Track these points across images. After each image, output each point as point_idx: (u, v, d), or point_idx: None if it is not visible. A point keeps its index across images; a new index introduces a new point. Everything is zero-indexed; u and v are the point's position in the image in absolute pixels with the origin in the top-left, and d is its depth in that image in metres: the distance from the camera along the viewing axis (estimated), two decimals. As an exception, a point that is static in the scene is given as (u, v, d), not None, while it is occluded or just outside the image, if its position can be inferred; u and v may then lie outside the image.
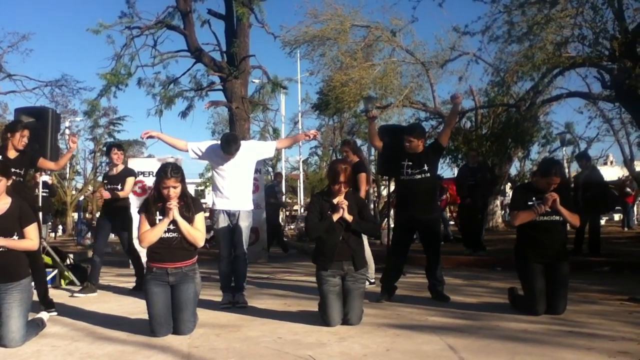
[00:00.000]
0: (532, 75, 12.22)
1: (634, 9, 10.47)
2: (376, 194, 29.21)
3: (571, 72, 13.08)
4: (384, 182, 14.34)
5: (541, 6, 9.79)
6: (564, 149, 22.69)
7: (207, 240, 4.50)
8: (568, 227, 5.14)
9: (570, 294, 4.80)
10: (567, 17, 10.12)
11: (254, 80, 15.98)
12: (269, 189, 12.79)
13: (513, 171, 21.09)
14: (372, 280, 6.47)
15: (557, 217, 4.65)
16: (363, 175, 6.49)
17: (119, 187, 6.62)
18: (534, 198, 4.68)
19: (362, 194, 6.49)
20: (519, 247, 4.88)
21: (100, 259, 6.67)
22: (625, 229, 16.51)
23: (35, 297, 4.69)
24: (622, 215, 18.64)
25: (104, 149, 36.64)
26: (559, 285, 4.61)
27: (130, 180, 6.74)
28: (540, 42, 10.68)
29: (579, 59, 11.20)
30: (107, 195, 6.58)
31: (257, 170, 9.81)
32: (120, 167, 6.84)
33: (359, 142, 30.88)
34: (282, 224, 27.62)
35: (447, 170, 20.36)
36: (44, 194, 10.15)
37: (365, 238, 6.04)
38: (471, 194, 9.52)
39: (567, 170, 22.54)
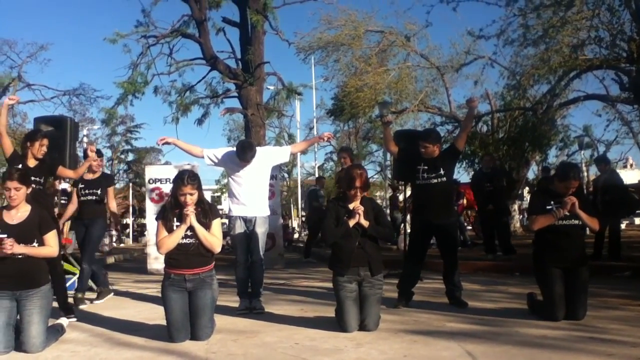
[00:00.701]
0: (549, 78, 12.13)
1: (652, 10, 10.36)
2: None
3: (588, 74, 12.96)
4: (400, 188, 14.25)
5: (556, 9, 9.72)
6: (582, 152, 22.41)
7: (222, 247, 4.51)
8: (587, 232, 5.08)
9: (590, 299, 4.74)
10: (583, 19, 10.05)
11: (269, 87, 16.06)
12: (312, 193, 12.83)
13: (531, 175, 20.91)
14: None
15: (576, 221, 4.60)
16: None
17: (98, 192, 6.28)
18: (552, 202, 4.63)
19: None
20: (537, 251, 4.83)
21: (90, 266, 6.25)
22: (646, 233, 16.25)
23: (55, 304, 4.74)
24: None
25: (122, 156, 37.14)
26: (578, 291, 4.55)
27: (111, 192, 6.50)
28: (556, 45, 10.61)
29: (596, 61, 11.11)
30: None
31: (273, 177, 9.84)
32: (98, 173, 6.51)
33: (374, 147, 31.00)
34: (298, 229, 27.69)
35: (463, 175, 20.23)
36: (63, 202, 10.24)
37: None
38: (491, 199, 9.45)
39: (585, 174, 22.30)
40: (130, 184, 36.68)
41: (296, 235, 24.30)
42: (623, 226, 17.42)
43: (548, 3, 9.79)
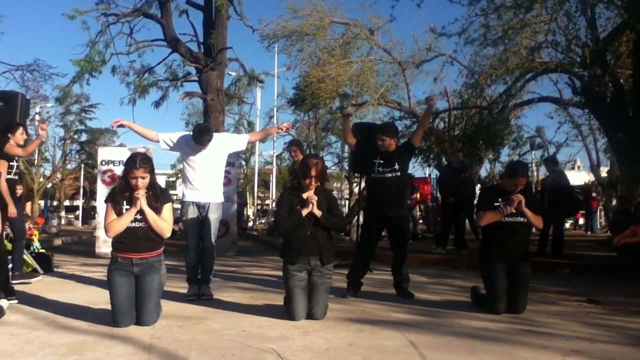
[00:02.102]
0: (505, 78, 12.42)
1: (606, 18, 10.75)
2: (348, 191, 29.39)
3: (543, 77, 13.37)
4: (355, 180, 14.38)
5: (517, 11, 9.95)
6: (533, 152, 23.05)
7: (173, 232, 4.46)
8: (533, 229, 5.26)
9: (530, 294, 4.91)
10: (542, 22, 10.32)
11: (230, 73, 15.91)
12: None
13: (483, 173, 21.38)
14: None
15: (522, 219, 4.74)
16: None
17: None
18: (500, 199, 4.76)
19: None
20: (483, 246, 4.97)
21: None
22: (589, 233, 16.91)
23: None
24: (585, 219, 19.06)
25: (75, 136, 36.14)
26: (520, 285, 4.70)
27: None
28: (514, 47, 10.86)
29: (551, 64, 11.44)
30: None
31: (230, 164, 9.80)
32: None
33: (333, 138, 31.07)
34: (253, 217, 27.60)
35: (418, 170, 20.54)
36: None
37: None
38: (454, 194, 9.64)
39: (536, 174, 22.97)
40: (82, 165, 35.74)
41: (250, 224, 24.21)
42: (567, 225, 18.09)
43: (509, 4, 10.00)
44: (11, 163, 5.96)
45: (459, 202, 9.66)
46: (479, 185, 15.02)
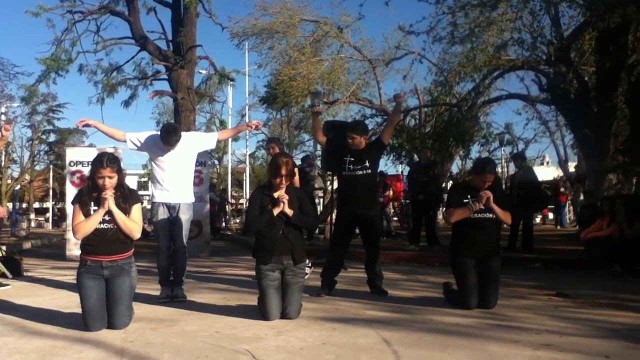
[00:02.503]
0: (473, 76, 12.60)
1: (570, 17, 10.99)
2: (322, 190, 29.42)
3: (511, 74, 13.60)
4: (328, 178, 14.41)
5: (483, 9, 10.09)
6: (502, 148, 23.45)
7: (146, 233, 4.41)
8: (504, 225, 5.35)
9: (501, 289, 5.01)
10: (507, 20, 10.49)
11: (200, 71, 15.78)
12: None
13: (454, 169, 21.67)
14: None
15: (491, 215, 4.82)
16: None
17: None
18: (469, 196, 4.83)
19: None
20: (453, 243, 5.03)
21: None
22: (558, 227, 17.27)
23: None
24: (554, 214, 19.46)
25: (43, 136, 35.41)
26: (490, 281, 4.78)
27: None
28: (481, 45, 11.02)
29: (518, 62, 11.65)
30: None
31: (201, 163, 9.72)
32: None
33: (305, 137, 31.09)
34: (228, 217, 27.41)
35: (390, 167, 20.70)
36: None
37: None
38: (423, 191, 9.73)
39: (505, 170, 23.35)
40: (51, 166, 35.02)
41: (224, 224, 24.03)
42: (537, 220, 18.44)
43: (475, 3, 10.13)
44: None
45: (428, 199, 9.76)
46: (450, 182, 15.22)
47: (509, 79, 15.02)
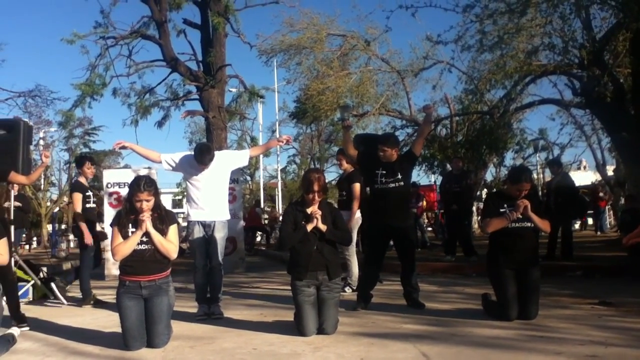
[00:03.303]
0: (505, 83, 12.43)
1: (601, 18, 10.75)
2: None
3: (543, 79, 13.36)
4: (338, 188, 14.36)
5: (511, 16, 9.97)
6: (537, 155, 23.03)
7: (182, 251, 4.47)
8: (542, 232, 5.23)
9: (542, 298, 4.90)
10: (537, 26, 10.32)
11: (230, 90, 15.98)
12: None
13: (489, 177, 21.35)
14: (355, 288, 6.54)
15: (529, 224, 4.74)
16: (357, 186, 6.58)
17: None
18: (505, 205, 4.76)
19: (356, 205, 6.55)
20: (491, 253, 4.95)
21: None
22: (598, 233, 16.82)
23: (7, 312, 4.62)
24: (594, 220, 18.96)
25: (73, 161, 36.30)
26: (530, 291, 4.68)
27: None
28: (511, 51, 10.87)
29: (549, 66, 11.45)
30: None
31: (234, 180, 9.82)
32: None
33: (336, 150, 31.09)
34: (260, 232, 27.54)
35: (423, 177, 20.52)
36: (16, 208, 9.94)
37: (353, 246, 6.12)
38: (456, 201, 9.63)
39: (541, 176, 22.91)
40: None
41: (258, 239, 24.17)
42: (576, 226, 18.00)
43: (503, 10, 10.03)
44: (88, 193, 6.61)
45: (462, 209, 9.64)
46: (485, 190, 14.99)
47: (541, 84, 14.77)
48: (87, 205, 6.64)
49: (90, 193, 6.77)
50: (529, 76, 12.35)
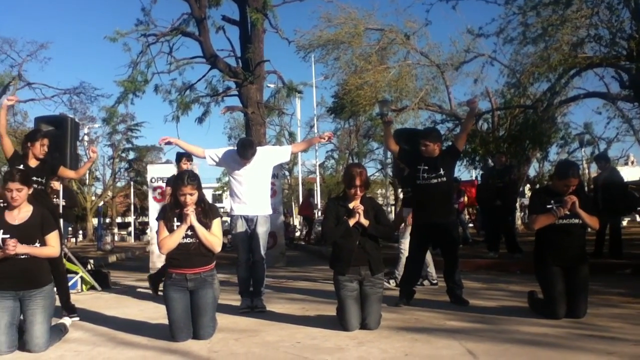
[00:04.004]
0: (549, 76, 12.13)
1: (652, 8, 10.35)
2: (393, 197, 29.17)
3: (588, 72, 12.96)
4: (399, 186, 14.24)
5: (556, 7, 9.71)
6: (583, 149, 22.43)
7: (224, 245, 4.52)
8: (589, 229, 5.10)
9: (590, 297, 4.76)
10: (583, 17, 10.03)
11: (269, 85, 16.07)
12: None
13: (532, 172, 20.91)
14: (435, 281, 6.51)
15: (577, 220, 4.61)
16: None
17: None
18: (552, 201, 4.64)
19: None
20: (538, 250, 4.84)
21: None
22: (647, 230, 16.27)
23: (58, 303, 4.76)
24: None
25: (123, 154, 37.17)
26: (579, 289, 4.57)
27: None
28: (555, 43, 10.60)
29: (595, 59, 11.10)
30: None
31: (275, 175, 9.87)
32: None
33: (374, 145, 30.99)
34: (299, 227, 27.72)
35: (464, 172, 20.24)
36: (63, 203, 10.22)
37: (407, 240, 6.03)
38: (500, 196, 9.46)
39: (586, 172, 22.31)
40: (132, 183, 36.72)
41: (297, 233, 24.33)
42: (625, 223, 17.47)
43: (547, 1, 9.78)
44: None
45: (505, 205, 9.45)
46: (528, 185, 14.67)
47: (586, 77, 14.32)
48: None
49: None
50: (574, 69, 12.00)
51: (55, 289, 4.43)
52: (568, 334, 4.02)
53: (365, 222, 4.42)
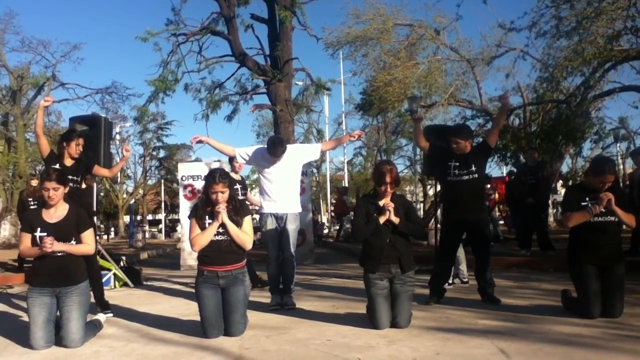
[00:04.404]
0: (582, 70, 11.85)
1: (692, -2, 10.04)
2: (422, 194, 28.96)
3: (624, 65, 12.62)
4: (430, 182, 14.13)
5: (590, 0, 9.49)
6: (618, 144, 21.88)
7: (253, 242, 4.54)
8: (623, 227, 4.98)
9: (626, 296, 4.65)
10: (619, 9, 9.77)
11: (297, 83, 16.11)
12: None
13: (564, 168, 20.50)
14: (466, 280, 6.47)
15: (612, 218, 4.51)
16: None
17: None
18: (587, 198, 4.55)
19: None
20: (572, 248, 4.75)
21: None
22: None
23: (92, 299, 4.87)
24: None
25: (153, 153, 37.71)
26: (614, 288, 4.47)
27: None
28: (590, 36, 10.34)
29: (632, 52, 10.80)
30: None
31: (303, 173, 9.90)
32: None
33: (403, 141, 30.82)
34: (328, 224, 27.72)
35: (495, 169, 19.96)
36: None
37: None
38: (532, 193, 9.31)
39: (621, 167, 21.77)
40: (162, 181, 37.25)
41: (326, 231, 24.35)
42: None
43: (582, -6, 9.57)
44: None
45: (538, 201, 9.29)
46: (560, 182, 14.38)
47: (622, 70, 13.91)
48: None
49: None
50: (609, 62, 11.70)
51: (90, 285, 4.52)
52: (603, 334, 3.94)
53: (395, 219, 4.39)
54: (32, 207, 9.17)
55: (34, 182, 9.75)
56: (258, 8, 20.67)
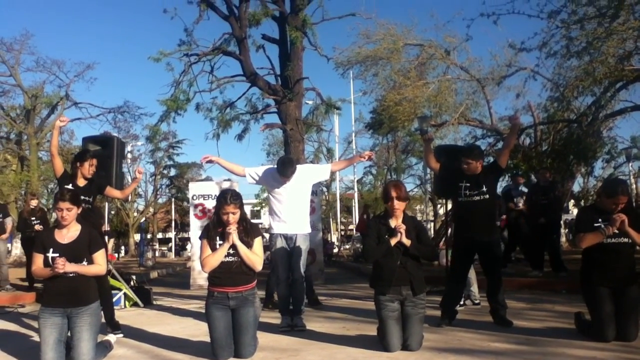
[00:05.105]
0: (593, 89, 11.84)
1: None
2: (433, 213, 28.83)
3: (636, 84, 12.59)
4: (440, 201, 14.07)
5: (601, 20, 9.50)
6: (630, 164, 21.72)
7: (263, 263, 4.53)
8: (637, 248, 4.92)
9: (641, 319, 4.58)
10: (630, 29, 9.77)
11: (307, 102, 16.16)
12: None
13: (576, 188, 20.36)
14: (477, 301, 6.41)
15: (626, 239, 4.47)
16: None
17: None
18: (600, 219, 4.51)
19: None
20: (585, 270, 4.70)
21: None
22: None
23: (102, 319, 4.86)
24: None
25: (164, 171, 37.95)
26: (629, 310, 4.40)
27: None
28: (601, 56, 10.34)
29: (644, 71, 10.80)
30: None
31: (313, 192, 9.90)
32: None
33: (413, 160, 30.81)
34: (337, 243, 27.63)
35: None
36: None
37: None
38: (544, 213, 9.24)
39: (634, 187, 21.59)
40: (173, 199, 37.44)
41: (335, 250, 24.27)
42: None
43: (592, 14, 9.57)
44: None
45: (550, 222, 9.21)
46: (572, 201, 14.25)
47: (634, 89, 13.89)
48: None
49: None
50: (621, 82, 11.69)
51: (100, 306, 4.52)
52: (618, 357, 3.89)
53: (407, 241, 4.37)
54: (34, 224, 9.28)
55: (34, 203, 9.89)
56: (269, 29, 20.88)
